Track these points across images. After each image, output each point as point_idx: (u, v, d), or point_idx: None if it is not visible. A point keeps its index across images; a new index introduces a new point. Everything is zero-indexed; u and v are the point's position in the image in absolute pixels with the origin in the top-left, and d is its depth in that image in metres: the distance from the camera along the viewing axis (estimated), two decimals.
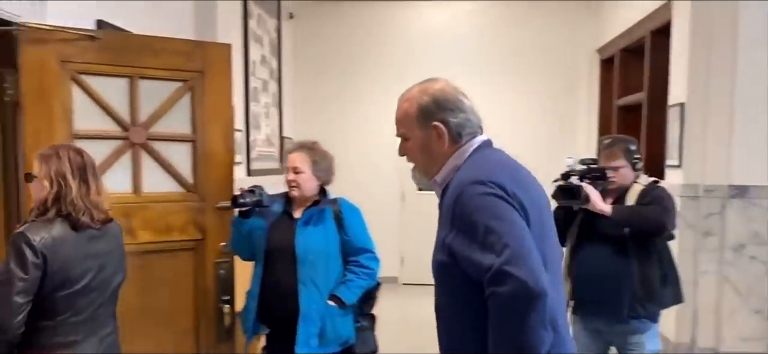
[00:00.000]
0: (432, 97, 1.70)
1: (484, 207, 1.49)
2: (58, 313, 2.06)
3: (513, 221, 1.48)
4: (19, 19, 2.68)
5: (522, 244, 1.45)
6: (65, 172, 2.09)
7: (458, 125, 1.68)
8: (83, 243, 2.10)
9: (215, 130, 3.12)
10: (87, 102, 2.83)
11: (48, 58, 2.71)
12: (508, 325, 1.43)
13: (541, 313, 1.41)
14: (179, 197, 3.06)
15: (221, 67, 3.15)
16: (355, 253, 2.90)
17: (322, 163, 2.90)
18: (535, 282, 1.40)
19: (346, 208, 2.95)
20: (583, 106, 7.47)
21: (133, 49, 2.95)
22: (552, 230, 1.70)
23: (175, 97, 3.04)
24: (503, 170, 1.60)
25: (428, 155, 1.71)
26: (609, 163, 2.93)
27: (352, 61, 7.62)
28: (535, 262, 1.43)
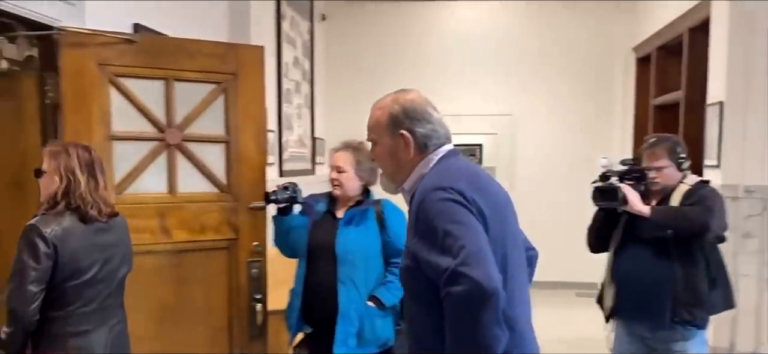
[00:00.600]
0: (402, 106, 1.77)
1: (444, 212, 1.55)
2: (69, 303, 2.16)
3: (470, 225, 1.54)
4: (59, 24, 2.76)
5: (477, 246, 1.50)
6: (74, 168, 2.20)
7: (424, 135, 1.74)
8: (91, 235, 2.21)
9: (248, 131, 3.16)
10: (124, 104, 2.90)
11: (87, 61, 2.78)
12: (463, 325, 1.48)
13: (495, 312, 1.45)
14: (213, 197, 3.11)
15: (254, 69, 3.19)
16: (397, 255, 2.84)
17: (365, 164, 2.89)
18: (488, 282, 1.44)
19: (389, 209, 2.92)
20: (619, 106, 7.35)
21: (169, 52, 3.01)
22: (514, 233, 1.77)
23: (209, 99, 3.09)
24: (464, 177, 1.65)
25: (395, 162, 1.77)
26: (651, 164, 2.84)
27: (384, 61, 7.63)
28: (490, 263, 1.49)
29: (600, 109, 7.42)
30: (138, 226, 2.91)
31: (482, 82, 7.54)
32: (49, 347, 2.15)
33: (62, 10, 2.81)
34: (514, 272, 1.69)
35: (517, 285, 1.70)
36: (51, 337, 2.15)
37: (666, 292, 2.69)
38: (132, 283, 2.88)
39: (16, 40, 2.71)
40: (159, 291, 2.98)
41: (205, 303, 3.09)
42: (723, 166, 4.34)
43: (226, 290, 3.13)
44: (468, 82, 7.55)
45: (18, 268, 2.08)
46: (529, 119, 7.51)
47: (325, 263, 2.84)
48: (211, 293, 3.11)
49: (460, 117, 7.58)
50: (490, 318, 1.45)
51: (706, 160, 4.60)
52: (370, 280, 2.84)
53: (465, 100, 7.56)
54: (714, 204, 2.71)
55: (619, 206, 2.78)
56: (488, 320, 1.45)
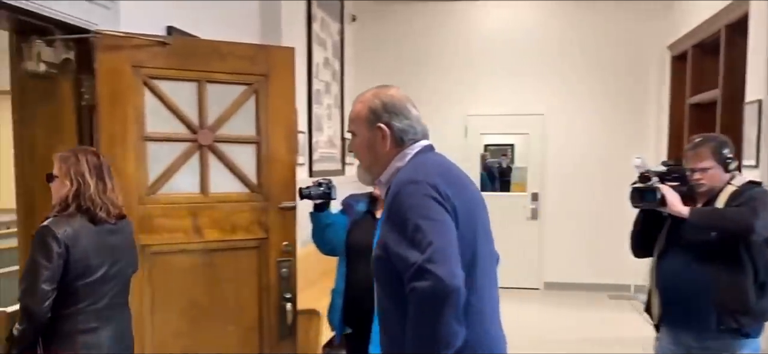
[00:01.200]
0: (381, 101, 1.81)
1: (416, 206, 1.59)
2: (79, 302, 2.24)
3: (440, 221, 1.58)
4: (95, 27, 2.81)
5: (444, 243, 1.54)
6: (83, 172, 2.30)
7: (402, 130, 1.79)
8: (101, 236, 2.30)
9: (278, 131, 3.19)
10: (158, 105, 2.95)
11: (122, 63, 2.84)
12: (424, 319, 1.53)
13: (456, 309, 1.52)
14: (244, 197, 3.14)
15: (285, 70, 3.22)
16: None
17: None
18: (451, 279, 1.49)
19: None
20: (653, 105, 7.23)
21: (201, 54, 3.05)
22: (486, 230, 1.80)
23: (240, 100, 3.12)
24: (438, 172, 1.70)
25: (372, 154, 1.82)
26: (695, 165, 2.70)
27: (414, 61, 7.62)
28: (454, 261, 1.54)
29: (634, 109, 7.30)
30: (171, 225, 2.96)
31: (513, 82, 7.49)
32: (59, 345, 2.23)
33: (98, 14, 2.87)
34: (485, 267, 1.73)
35: (487, 281, 1.74)
36: (61, 335, 2.23)
37: (710, 299, 2.56)
38: (165, 282, 2.94)
39: (54, 44, 2.77)
40: (191, 289, 3.02)
41: (236, 302, 3.13)
42: (762, 166, 4.23)
43: (256, 289, 3.16)
44: (499, 81, 7.51)
45: (31, 267, 2.17)
46: (561, 119, 7.43)
47: (363, 263, 2.80)
48: (242, 292, 3.14)
49: (492, 117, 7.56)
50: (451, 314, 1.51)
51: (745, 159, 4.49)
52: None
53: (496, 100, 7.52)
54: (761, 205, 2.54)
55: (657, 207, 2.68)
56: (448, 316, 1.51)
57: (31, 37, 2.73)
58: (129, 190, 2.85)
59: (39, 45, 2.73)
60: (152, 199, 2.93)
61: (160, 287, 2.94)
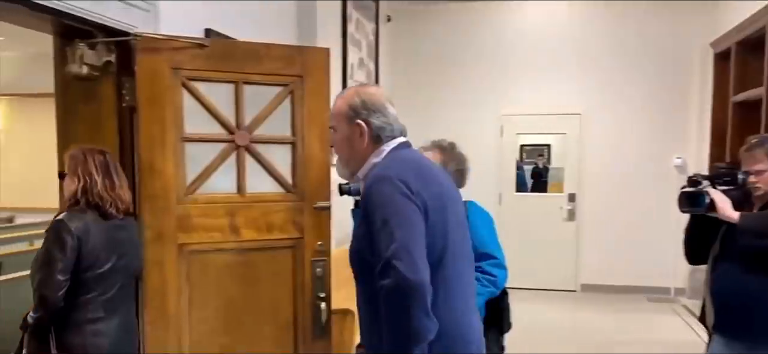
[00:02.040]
0: (361, 98, 1.87)
1: (386, 203, 1.65)
2: (89, 292, 2.39)
3: (408, 217, 1.63)
4: (135, 30, 2.87)
5: (409, 239, 1.59)
6: (91, 169, 2.45)
7: (379, 127, 1.85)
8: (109, 231, 2.45)
9: (313, 132, 3.21)
10: (196, 106, 2.99)
11: (161, 65, 2.89)
12: (393, 314, 1.58)
13: (421, 303, 1.56)
14: (279, 197, 3.17)
15: (320, 71, 3.24)
16: (479, 259, 2.70)
17: (452, 166, 2.80)
18: (413, 274, 1.55)
19: (474, 211, 2.83)
20: (695, 104, 7.07)
21: (239, 56, 3.09)
22: (459, 226, 1.83)
23: (276, 101, 3.15)
24: (411, 169, 1.74)
25: (351, 149, 1.88)
26: (750, 167, 2.58)
27: (450, 61, 7.60)
28: (418, 256, 1.58)
29: (674, 108, 7.15)
30: (208, 225, 3.01)
31: (550, 81, 7.41)
32: (69, 331, 2.37)
33: (138, 17, 2.93)
34: (456, 264, 1.77)
35: (457, 276, 1.77)
36: (71, 323, 2.37)
37: (764, 309, 2.46)
38: (202, 280, 2.99)
39: (96, 47, 2.83)
40: (227, 288, 3.06)
41: (271, 301, 3.16)
42: None
43: (290, 289, 3.19)
44: (535, 81, 7.44)
45: (47, 258, 2.32)
46: (599, 118, 7.32)
47: None
48: (277, 291, 3.17)
49: (528, 117, 7.49)
50: (418, 308, 1.55)
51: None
52: None
53: (532, 100, 7.45)
54: None
55: (705, 212, 2.58)
56: (416, 310, 1.55)
57: (74, 41, 2.80)
58: (168, 190, 2.91)
59: (82, 48, 2.80)
60: (190, 199, 2.97)
61: (197, 286, 2.99)
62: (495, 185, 7.42)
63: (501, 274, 2.79)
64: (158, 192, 2.88)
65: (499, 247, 2.84)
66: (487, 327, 2.85)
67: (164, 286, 2.91)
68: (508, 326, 2.94)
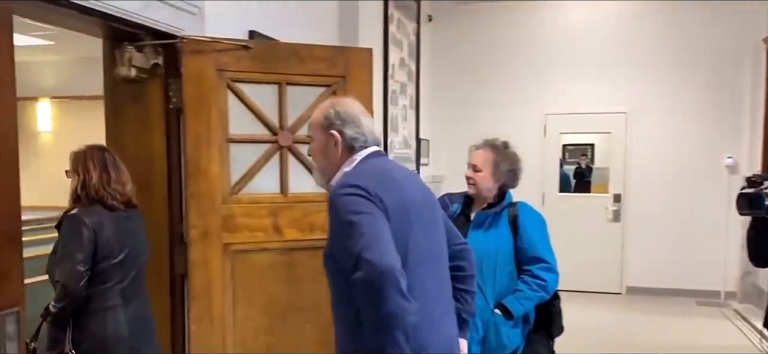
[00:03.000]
0: (336, 110, 1.94)
1: (347, 204, 1.71)
2: (106, 281, 2.51)
3: (371, 214, 1.68)
4: (182, 33, 2.92)
5: (374, 231, 1.64)
6: (88, 165, 2.56)
7: (352, 138, 1.90)
8: (119, 222, 2.56)
9: None
10: (240, 108, 3.03)
11: (206, 67, 2.93)
12: (371, 304, 1.60)
13: (395, 284, 1.57)
14: (321, 197, 3.15)
15: (362, 71, 3.24)
16: (529, 262, 2.71)
17: (504, 165, 2.78)
18: (381, 259, 1.58)
19: (525, 213, 2.79)
20: (747, 102, 6.84)
21: (282, 57, 3.12)
22: (427, 231, 1.88)
23: (318, 102, 3.15)
24: (373, 177, 1.80)
25: (326, 158, 1.95)
26: None
27: (491, 61, 7.53)
28: (385, 244, 1.63)
29: (725, 106, 6.94)
30: (252, 224, 3.04)
31: (594, 80, 7.27)
32: (87, 319, 2.48)
33: (185, 19, 2.98)
34: (418, 270, 1.81)
35: (420, 282, 1.80)
36: (89, 311, 2.48)
37: None
38: (246, 280, 3.02)
39: (144, 49, 2.89)
40: (271, 287, 3.09)
41: (314, 300, 3.17)
42: None
43: None
44: (579, 79, 7.30)
45: (66, 252, 2.44)
46: (646, 117, 7.14)
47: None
48: (320, 291, 3.15)
49: (571, 115, 7.36)
50: (391, 290, 1.57)
51: None
52: (499, 287, 2.71)
53: (575, 99, 7.32)
54: None
55: (765, 214, 2.52)
56: (390, 292, 1.57)
57: (123, 44, 2.87)
58: (213, 190, 2.95)
59: (130, 50, 2.86)
60: (235, 199, 3.01)
61: (242, 285, 3.02)
62: (538, 185, 7.31)
63: (551, 278, 2.71)
64: (203, 192, 2.93)
65: (550, 250, 2.76)
66: (534, 330, 2.82)
67: (209, 285, 2.95)
68: (558, 330, 2.88)
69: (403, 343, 1.59)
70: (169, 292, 2.99)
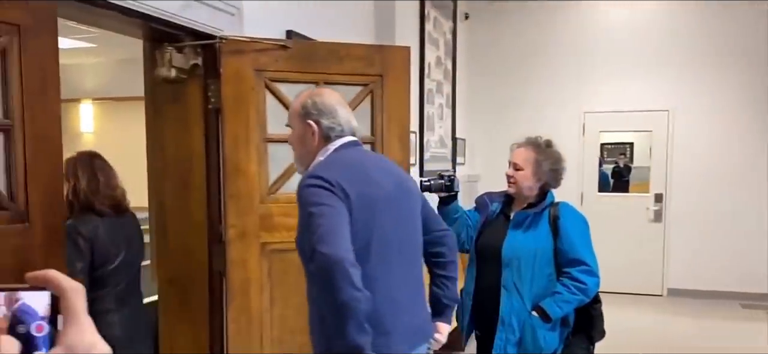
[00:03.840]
0: (313, 100, 2.01)
1: (310, 195, 1.80)
2: (104, 286, 2.56)
3: (330, 206, 1.76)
4: (221, 33, 2.94)
5: (331, 224, 1.72)
6: (77, 172, 2.60)
7: (328, 127, 1.98)
8: (114, 227, 2.61)
9: (393, 131, 3.20)
10: (278, 107, 3.03)
11: (245, 67, 2.95)
12: (326, 294, 1.70)
13: (346, 275, 1.65)
14: None
15: (400, 70, 3.22)
16: (568, 264, 2.65)
17: (546, 164, 2.73)
18: (333, 252, 1.67)
19: (566, 213, 2.72)
20: None
21: (320, 57, 3.11)
22: (398, 222, 1.95)
23: (356, 101, 3.15)
24: (340, 168, 1.88)
25: (303, 146, 2.03)
26: None
27: (529, 58, 7.44)
28: (339, 237, 1.71)
29: None
30: (289, 224, 3.01)
31: (635, 77, 7.12)
32: None
33: (224, 20, 3.00)
34: (385, 258, 1.89)
35: (385, 270, 1.89)
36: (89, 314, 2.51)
37: None
38: (283, 279, 3.03)
39: (184, 50, 2.92)
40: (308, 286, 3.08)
41: None
42: None
43: None
44: (619, 77, 7.17)
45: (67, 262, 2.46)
46: (689, 115, 6.97)
47: (492, 266, 2.72)
48: None
49: (611, 114, 7.22)
50: (343, 281, 1.65)
51: None
52: (537, 288, 2.66)
53: (615, 97, 7.18)
54: None
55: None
56: (341, 283, 1.65)
57: (163, 44, 2.90)
58: (251, 190, 2.96)
59: (170, 51, 2.89)
60: (272, 199, 3.02)
61: (278, 284, 3.03)
62: (576, 185, 7.20)
63: (591, 281, 2.65)
64: (242, 191, 2.94)
65: (590, 252, 2.70)
66: (574, 333, 2.77)
67: (247, 284, 2.96)
68: (599, 335, 2.82)
69: (355, 332, 1.67)
70: (208, 291, 3.02)
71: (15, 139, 1.96)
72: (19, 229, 1.97)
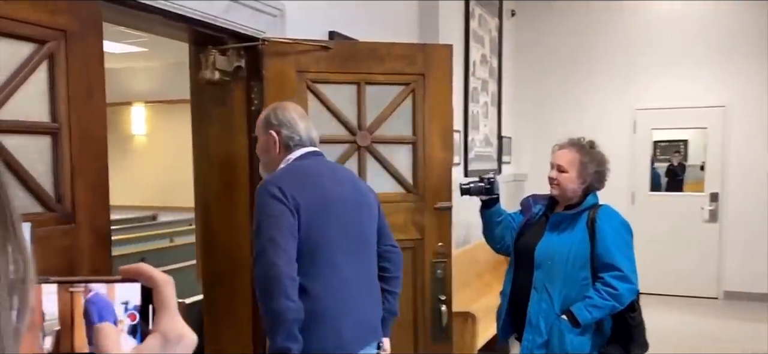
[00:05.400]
0: (275, 112, 2.20)
1: (261, 204, 1.99)
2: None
3: (276, 217, 1.95)
4: (263, 35, 2.96)
5: (276, 234, 1.92)
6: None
7: (288, 137, 2.15)
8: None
9: (435, 130, 3.17)
10: (319, 108, 3.04)
11: (287, 68, 2.96)
12: (263, 298, 1.92)
13: (281, 288, 1.88)
14: (399, 197, 3.15)
15: (442, 69, 3.19)
16: (602, 269, 2.56)
17: (591, 166, 2.65)
18: (275, 263, 1.89)
19: (605, 216, 2.63)
20: None
21: (361, 57, 3.10)
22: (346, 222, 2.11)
23: (397, 101, 3.13)
24: (295, 177, 2.06)
25: (267, 154, 2.21)
26: None
27: (578, 55, 7.27)
28: (281, 250, 1.91)
29: None
30: None
31: (689, 73, 6.88)
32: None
33: (266, 22, 3.02)
34: (335, 260, 2.05)
35: (334, 271, 2.05)
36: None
37: None
38: None
39: (227, 52, 2.95)
40: None
41: None
42: None
43: (410, 290, 3.15)
44: (672, 73, 6.93)
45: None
46: (747, 111, 6.69)
47: (527, 267, 2.68)
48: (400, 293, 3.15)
49: (663, 111, 7.00)
50: (279, 291, 1.88)
51: None
52: (569, 292, 2.58)
53: (668, 93, 6.95)
54: None
55: None
56: (277, 293, 1.88)
57: (207, 47, 2.94)
58: None
59: (214, 54, 2.92)
60: None
61: None
62: (627, 184, 7.01)
63: (623, 287, 2.53)
64: None
65: (626, 257, 2.58)
66: (609, 342, 2.66)
67: None
68: (640, 348, 2.67)
69: (284, 338, 1.89)
70: (251, 292, 3.04)
71: (62, 142, 2.01)
72: (66, 229, 2.03)
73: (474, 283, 4.91)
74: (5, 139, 1.87)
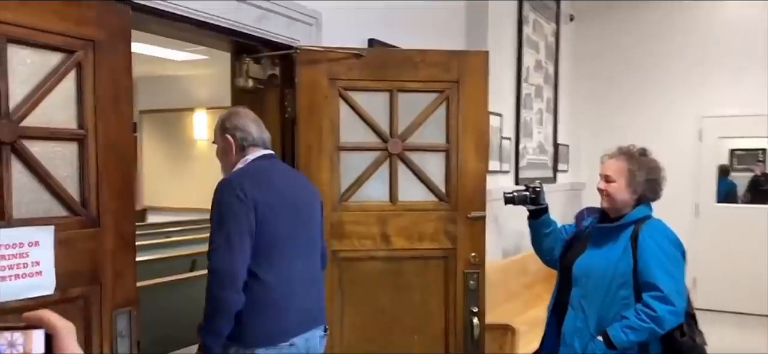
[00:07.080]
0: (229, 118, 2.36)
1: (219, 202, 2.17)
2: None
3: (235, 214, 2.12)
4: (297, 43, 2.99)
5: (232, 232, 2.11)
6: None
7: (242, 139, 2.32)
8: None
9: (469, 139, 3.11)
10: (351, 116, 3.04)
11: (319, 76, 2.98)
12: (210, 291, 2.12)
13: (229, 282, 2.10)
14: (431, 206, 3.11)
15: (477, 75, 3.13)
16: (643, 288, 2.39)
17: (640, 175, 2.50)
18: (227, 258, 2.10)
19: (649, 231, 2.45)
20: None
21: (394, 64, 3.09)
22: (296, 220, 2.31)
23: (430, 108, 3.10)
24: (253, 176, 2.24)
25: (226, 158, 2.36)
26: None
27: (640, 60, 6.98)
28: (235, 248, 2.11)
29: None
30: (361, 232, 3.04)
31: (761, 79, 6.47)
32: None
33: (301, 30, 3.05)
34: (287, 254, 2.25)
35: (287, 264, 2.25)
36: None
37: None
38: (354, 287, 3.04)
39: (261, 61, 3.00)
40: (379, 296, 3.07)
41: (422, 311, 3.11)
42: None
43: (442, 300, 3.11)
44: (744, 78, 6.52)
45: None
46: None
47: (569, 283, 2.57)
48: (428, 302, 3.12)
49: (734, 118, 6.62)
50: (228, 283, 2.09)
51: None
52: (607, 312, 2.42)
53: (740, 99, 6.55)
54: None
55: None
56: (227, 285, 2.09)
57: (242, 56, 2.99)
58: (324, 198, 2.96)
59: (248, 62, 2.98)
60: (344, 207, 3.03)
61: (349, 292, 3.03)
62: (690, 195, 6.67)
63: (662, 309, 2.33)
64: None
65: (670, 276, 2.38)
66: None
67: None
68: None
69: (224, 324, 2.12)
70: None
71: (88, 148, 2.09)
72: (92, 233, 2.10)
73: (522, 295, 4.80)
74: (32, 144, 1.96)
